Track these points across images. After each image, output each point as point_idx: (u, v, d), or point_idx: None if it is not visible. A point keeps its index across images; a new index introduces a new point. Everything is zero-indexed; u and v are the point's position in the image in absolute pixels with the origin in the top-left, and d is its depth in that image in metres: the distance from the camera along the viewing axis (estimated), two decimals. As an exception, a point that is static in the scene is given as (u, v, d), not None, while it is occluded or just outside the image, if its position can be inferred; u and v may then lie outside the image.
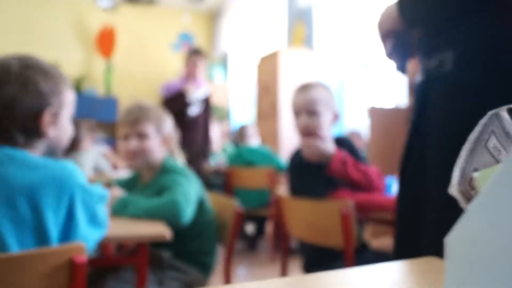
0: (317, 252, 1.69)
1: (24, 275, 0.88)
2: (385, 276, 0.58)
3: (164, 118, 1.66)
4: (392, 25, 0.84)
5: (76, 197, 0.99)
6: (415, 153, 0.82)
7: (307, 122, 1.67)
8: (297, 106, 1.70)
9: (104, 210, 1.10)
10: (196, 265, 1.60)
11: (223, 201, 1.71)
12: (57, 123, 1.07)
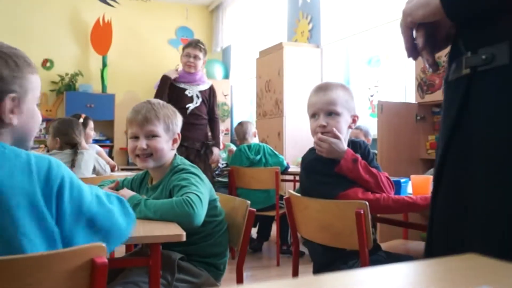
0: (328, 253, 1.66)
1: (45, 275, 0.85)
2: (426, 272, 0.56)
3: (174, 116, 1.63)
4: (428, 16, 0.80)
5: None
6: (455, 149, 0.79)
7: (325, 123, 1.64)
8: (315, 106, 1.67)
9: (114, 223, 1.01)
10: (206, 267, 1.57)
11: (233, 201, 1.68)
12: (21, 110, 1.01)
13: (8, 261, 0.82)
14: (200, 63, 3.53)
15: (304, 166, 1.73)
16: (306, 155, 1.74)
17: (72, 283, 0.87)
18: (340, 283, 0.52)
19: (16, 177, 0.88)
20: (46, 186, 0.90)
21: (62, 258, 0.86)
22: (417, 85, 3.25)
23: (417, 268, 0.60)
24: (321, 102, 1.65)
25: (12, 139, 1.01)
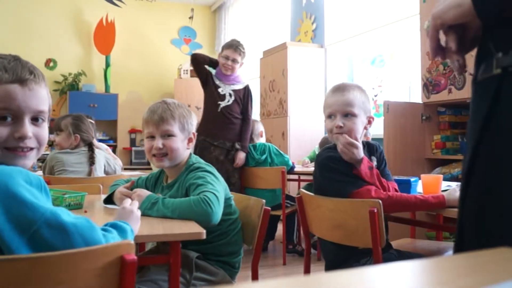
0: (341, 251, 1.68)
1: (77, 272, 0.87)
2: (460, 265, 0.58)
3: (189, 116, 1.64)
4: (459, 17, 0.81)
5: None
6: (485, 150, 0.81)
7: (341, 124, 1.67)
8: (332, 107, 1.70)
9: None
10: (222, 265, 1.58)
11: (247, 200, 1.70)
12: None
13: (42, 258, 0.84)
14: (238, 66, 3.50)
15: (318, 163, 1.74)
16: (321, 153, 1.76)
17: (102, 280, 0.89)
18: (370, 278, 0.54)
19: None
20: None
21: (93, 255, 0.88)
22: (423, 85, 3.27)
23: (449, 262, 0.62)
24: (338, 103, 1.68)
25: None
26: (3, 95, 0.96)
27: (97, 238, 0.93)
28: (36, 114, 1.01)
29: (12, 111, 0.97)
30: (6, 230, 0.86)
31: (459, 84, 3.00)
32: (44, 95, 1.03)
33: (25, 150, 0.99)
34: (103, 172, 2.73)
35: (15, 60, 1.01)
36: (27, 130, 0.98)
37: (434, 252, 2.02)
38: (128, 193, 1.60)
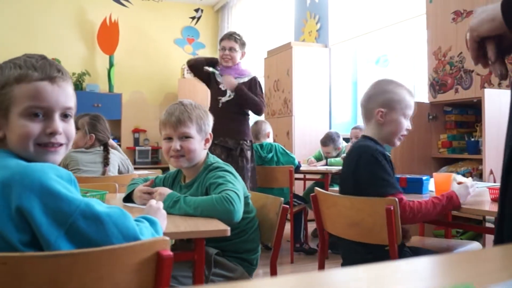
0: (358, 248, 1.71)
1: (116, 268, 0.89)
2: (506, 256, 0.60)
3: (205, 117, 1.67)
4: (493, 30, 0.85)
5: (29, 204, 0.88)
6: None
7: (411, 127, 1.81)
8: (413, 111, 1.82)
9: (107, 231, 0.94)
10: (240, 262, 1.62)
11: (265, 198, 1.73)
12: (2, 123, 0.99)
13: (84, 253, 0.86)
14: (237, 55, 3.34)
15: (365, 154, 1.68)
16: (370, 145, 1.71)
17: (139, 275, 0.92)
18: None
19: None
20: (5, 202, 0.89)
21: (131, 251, 0.91)
22: (429, 85, 3.30)
23: (490, 254, 0.65)
24: (414, 107, 1.82)
25: (12, 151, 0.99)
26: (35, 92, 0.99)
27: (130, 226, 0.96)
28: (64, 111, 1.04)
29: (43, 108, 1.00)
30: (44, 224, 0.89)
31: (466, 84, 3.03)
32: (71, 92, 1.06)
33: (55, 146, 1.02)
34: (117, 173, 2.75)
35: (42, 59, 1.04)
36: (58, 126, 1.01)
37: (445, 249, 2.05)
38: (148, 190, 1.63)
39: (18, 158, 0.99)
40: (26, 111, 0.98)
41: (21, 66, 1.00)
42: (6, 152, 1.00)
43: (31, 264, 0.84)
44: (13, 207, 0.89)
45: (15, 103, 0.99)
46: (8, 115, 0.99)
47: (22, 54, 1.05)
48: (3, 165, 0.94)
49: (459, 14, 3.06)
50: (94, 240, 0.91)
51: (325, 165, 4.03)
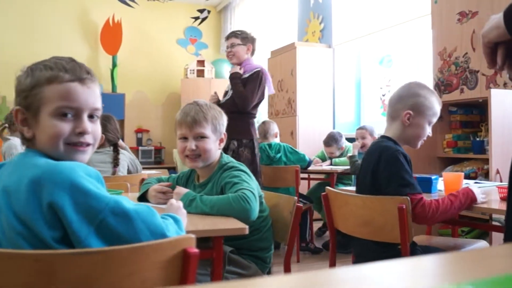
0: (372, 246, 1.73)
1: (145, 264, 0.91)
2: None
3: (220, 117, 1.69)
4: (500, 36, 0.90)
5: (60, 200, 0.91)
6: None
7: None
8: (437, 118, 1.84)
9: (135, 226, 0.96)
10: (254, 260, 1.64)
11: (278, 197, 1.75)
12: (32, 123, 1.02)
13: (116, 251, 0.89)
14: (240, 49, 3.25)
15: (386, 153, 1.70)
16: (391, 145, 1.73)
17: (166, 272, 0.94)
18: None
19: (21, 187, 0.93)
20: (35, 200, 0.91)
21: (159, 248, 0.93)
22: (434, 85, 3.32)
23: (502, 251, 0.67)
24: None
25: (40, 151, 1.02)
26: (65, 93, 1.02)
27: (157, 223, 0.98)
28: (92, 111, 1.06)
29: (73, 108, 1.02)
30: (75, 221, 0.91)
31: (471, 84, 3.06)
32: (98, 94, 1.09)
33: (84, 145, 1.04)
34: (126, 173, 2.77)
35: (72, 61, 1.06)
36: (87, 126, 1.03)
37: (453, 248, 2.07)
38: (163, 189, 1.65)
39: (46, 157, 1.01)
40: (56, 111, 1.01)
41: (52, 68, 1.02)
42: (35, 152, 1.02)
43: (63, 261, 0.86)
44: (45, 204, 0.91)
45: (45, 103, 1.01)
46: (38, 116, 1.02)
47: (51, 57, 1.07)
48: (33, 164, 0.97)
49: (464, 14, 3.08)
50: (123, 237, 0.94)
51: (330, 165, 4.06)
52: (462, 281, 0.49)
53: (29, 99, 1.02)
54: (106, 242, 0.93)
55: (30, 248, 0.92)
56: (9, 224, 0.94)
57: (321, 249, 3.73)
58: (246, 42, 3.29)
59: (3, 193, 0.96)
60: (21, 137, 1.07)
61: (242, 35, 3.30)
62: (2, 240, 0.96)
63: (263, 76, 3.25)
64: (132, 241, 0.94)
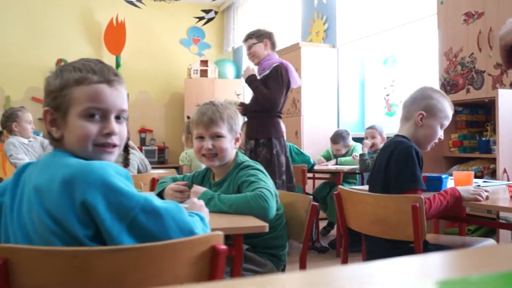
0: (383, 244, 1.76)
1: (175, 261, 0.94)
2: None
3: (236, 116, 1.72)
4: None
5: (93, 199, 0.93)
6: None
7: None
8: (449, 122, 1.89)
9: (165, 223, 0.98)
10: (270, 258, 1.67)
11: (293, 196, 1.78)
12: (61, 124, 1.04)
13: (148, 247, 0.91)
14: (258, 48, 3.23)
15: (399, 148, 1.76)
16: (405, 141, 1.80)
17: (195, 268, 0.96)
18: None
19: (53, 186, 0.95)
20: (69, 199, 0.94)
21: (190, 245, 0.96)
22: (440, 85, 3.35)
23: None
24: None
25: (68, 151, 1.04)
26: (94, 94, 1.04)
27: (186, 220, 1.01)
28: (119, 113, 1.08)
29: (101, 109, 1.04)
30: (108, 219, 0.94)
31: (477, 84, 3.09)
32: (125, 95, 1.11)
33: (111, 146, 1.07)
34: (136, 173, 2.80)
35: (100, 63, 1.09)
36: (114, 127, 1.06)
37: (461, 246, 2.10)
38: (180, 188, 1.68)
39: (75, 157, 1.03)
40: (84, 111, 1.03)
41: (80, 70, 1.04)
42: (64, 152, 1.05)
43: (99, 258, 0.89)
44: (78, 203, 0.93)
45: (74, 104, 1.03)
46: (67, 116, 1.04)
47: (79, 59, 1.09)
48: (65, 163, 0.99)
49: (471, 15, 3.11)
50: (154, 234, 0.96)
51: (336, 164, 4.08)
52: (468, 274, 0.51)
53: (58, 100, 1.04)
54: (137, 239, 0.96)
55: (63, 245, 0.95)
56: (41, 222, 0.96)
57: (327, 248, 3.76)
58: (262, 39, 3.27)
59: (35, 192, 0.98)
60: (49, 137, 1.10)
61: (256, 33, 3.28)
62: (34, 237, 0.98)
63: (284, 70, 3.20)
64: (162, 238, 0.96)
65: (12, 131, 3.25)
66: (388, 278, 0.52)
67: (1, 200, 1.08)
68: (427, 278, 0.50)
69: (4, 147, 3.19)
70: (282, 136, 3.23)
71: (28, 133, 3.31)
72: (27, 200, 1.01)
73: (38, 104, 6.72)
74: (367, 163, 3.53)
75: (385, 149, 1.84)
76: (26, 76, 6.79)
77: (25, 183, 1.05)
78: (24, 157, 3.13)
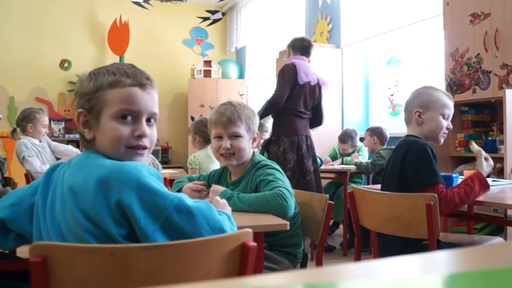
0: (396, 241, 1.79)
1: (207, 258, 0.97)
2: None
3: (253, 116, 1.75)
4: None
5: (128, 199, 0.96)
6: None
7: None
8: (451, 111, 1.92)
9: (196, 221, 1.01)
10: (286, 256, 1.70)
11: (308, 195, 1.81)
12: (93, 126, 1.07)
13: (183, 245, 0.94)
14: (285, 58, 3.55)
15: (414, 146, 1.81)
16: (418, 139, 1.85)
17: (226, 264, 0.99)
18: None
19: (88, 186, 0.98)
20: (104, 199, 0.97)
21: (222, 242, 0.98)
22: (446, 85, 3.38)
23: None
24: (453, 108, 1.93)
25: (100, 152, 1.07)
26: (127, 97, 1.07)
27: (216, 218, 1.04)
28: (150, 115, 1.11)
29: (133, 111, 1.07)
30: (142, 218, 0.97)
31: (483, 85, 3.12)
32: (157, 99, 1.14)
33: (141, 148, 1.09)
34: None
35: (133, 67, 1.12)
36: (145, 129, 1.09)
37: (470, 244, 2.14)
38: (197, 187, 1.71)
39: (107, 158, 1.06)
40: (117, 113, 1.06)
41: (114, 73, 1.07)
42: (97, 153, 1.07)
43: (136, 255, 0.92)
44: (113, 203, 0.96)
45: (107, 106, 1.06)
46: (100, 118, 1.07)
47: (112, 63, 1.12)
48: (99, 164, 1.02)
49: (477, 16, 3.14)
50: (186, 232, 0.99)
51: (342, 164, 4.11)
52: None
53: (91, 101, 1.07)
54: (170, 238, 0.99)
55: (97, 243, 0.98)
56: (76, 221, 0.99)
57: (334, 247, 3.79)
58: (287, 49, 3.55)
59: (70, 192, 1.01)
60: (81, 139, 1.13)
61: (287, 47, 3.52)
62: (68, 236, 1.01)
63: (289, 68, 3.31)
64: (194, 236, 0.99)
65: (26, 131, 3.27)
66: (401, 273, 0.53)
67: (34, 200, 1.11)
68: (439, 273, 0.51)
69: (16, 147, 3.21)
70: (295, 133, 3.33)
71: (40, 136, 3.33)
72: (60, 199, 1.04)
73: (42, 104, 6.75)
74: (364, 165, 3.58)
75: (398, 149, 1.87)
76: (30, 77, 6.81)
77: (56, 183, 1.08)
78: (36, 160, 3.16)
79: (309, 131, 3.47)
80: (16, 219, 1.10)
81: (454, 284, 0.45)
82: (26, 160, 3.13)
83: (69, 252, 0.91)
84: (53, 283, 0.91)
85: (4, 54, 6.66)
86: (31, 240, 1.10)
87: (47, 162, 3.29)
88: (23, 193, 1.13)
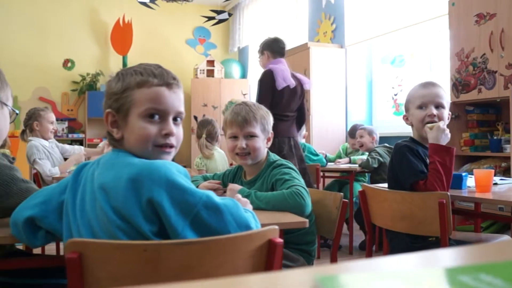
0: (406, 239, 1.82)
1: (234, 254, 1.00)
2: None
3: (268, 116, 1.77)
4: None
5: (159, 197, 0.98)
6: None
7: (435, 113, 1.85)
8: (425, 98, 1.86)
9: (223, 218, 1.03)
10: (301, 253, 1.73)
11: (322, 194, 1.84)
12: (121, 125, 1.10)
13: (212, 241, 0.97)
14: (261, 60, 3.54)
15: (395, 150, 1.91)
16: (401, 142, 1.92)
17: (253, 260, 1.02)
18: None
19: (119, 184, 1.01)
20: (136, 196, 0.99)
21: (249, 239, 1.01)
22: (452, 85, 3.41)
23: None
24: (431, 94, 1.86)
25: (128, 151, 1.10)
26: (154, 96, 1.10)
27: (243, 215, 1.07)
28: (176, 115, 1.14)
29: (160, 111, 1.10)
30: (173, 215, 0.99)
31: (489, 84, 3.15)
32: (183, 98, 1.17)
33: (168, 147, 1.12)
34: None
35: (159, 67, 1.14)
36: (172, 127, 1.11)
37: (477, 242, 2.17)
38: (213, 186, 1.74)
39: (136, 157, 1.09)
40: (145, 112, 1.08)
41: (142, 73, 1.10)
42: (125, 152, 1.10)
43: (167, 251, 0.94)
44: (144, 200, 0.99)
45: (135, 106, 1.09)
46: (128, 117, 1.09)
47: (139, 63, 1.15)
48: (129, 163, 1.05)
49: (482, 16, 3.17)
50: (214, 229, 1.02)
51: (348, 163, 4.15)
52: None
53: (120, 101, 1.10)
54: (199, 234, 1.01)
55: (128, 240, 1.00)
56: (108, 218, 1.01)
57: (340, 246, 3.82)
58: (262, 51, 3.50)
59: (100, 190, 1.04)
60: (109, 138, 1.15)
61: (259, 48, 3.54)
62: (99, 233, 1.04)
63: (267, 77, 3.30)
64: (222, 233, 1.02)
65: (34, 130, 3.29)
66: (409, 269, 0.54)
67: (63, 198, 1.13)
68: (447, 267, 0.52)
69: (27, 150, 3.23)
70: (275, 136, 3.27)
71: (48, 134, 3.34)
72: (91, 197, 1.07)
73: (45, 104, 6.76)
74: (365, 162, 3.64)
75: (392, 152, 1.98)
76: (33, 76, 6.83)
77: (86, 181, 1.10)
78: (46, 163, 3.18)
79: (294, 132, 3.41)
80: (45, 217, 1.12)
81: (460, 275, 0.45)
82: (36, 163, 3.15)
83: (103, 249, 0.94)
84: (87, 280, 0.94)
85: (7, 54, 6.67)
86: (60, 238, 1.13)
87: (57, 163, 3.32)
88: (52, 191, 1.16)
